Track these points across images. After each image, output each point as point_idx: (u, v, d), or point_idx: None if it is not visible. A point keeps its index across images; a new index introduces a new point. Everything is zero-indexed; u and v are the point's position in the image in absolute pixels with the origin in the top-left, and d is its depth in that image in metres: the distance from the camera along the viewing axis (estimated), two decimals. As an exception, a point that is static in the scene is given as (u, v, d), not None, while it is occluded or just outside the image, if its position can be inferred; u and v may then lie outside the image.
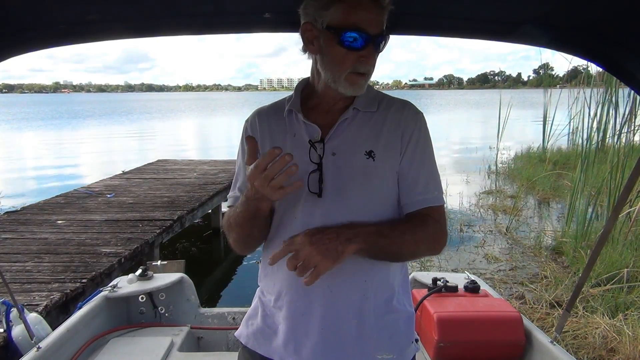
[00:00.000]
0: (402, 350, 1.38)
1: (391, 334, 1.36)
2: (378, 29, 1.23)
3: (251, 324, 1.47)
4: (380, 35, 1.24)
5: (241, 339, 1.49)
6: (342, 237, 1.15)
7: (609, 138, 7.94)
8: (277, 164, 1.06)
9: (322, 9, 1.24)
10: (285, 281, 1.34)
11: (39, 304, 3.85)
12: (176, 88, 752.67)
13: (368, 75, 1.29)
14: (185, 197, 7.98)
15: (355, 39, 1.22)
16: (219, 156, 14.59)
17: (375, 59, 1.28)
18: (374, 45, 1.25)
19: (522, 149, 15.57)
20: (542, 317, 4.70)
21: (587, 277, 2.38)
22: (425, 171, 1.35)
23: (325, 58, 1.29)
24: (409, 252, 1.33)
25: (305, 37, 1.31)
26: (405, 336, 1.41)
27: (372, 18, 1.22)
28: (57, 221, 6.61)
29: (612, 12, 1.45)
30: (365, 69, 1.26)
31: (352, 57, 1.24)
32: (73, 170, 17.14)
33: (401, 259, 1.37)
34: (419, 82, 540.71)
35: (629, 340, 3.96)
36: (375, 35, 1.23)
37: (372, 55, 1.26)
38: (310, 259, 1.11)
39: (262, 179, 1.09)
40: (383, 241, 1.23)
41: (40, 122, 45.32)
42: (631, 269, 5.29)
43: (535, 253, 6.99)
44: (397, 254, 1.31)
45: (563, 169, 11.19)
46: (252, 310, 1.50)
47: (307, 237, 1.14)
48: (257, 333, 1.44)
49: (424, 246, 1.32)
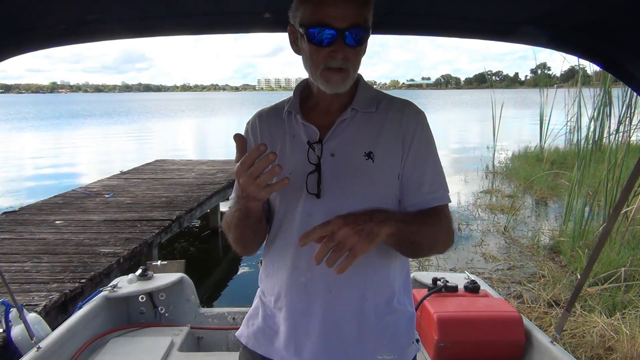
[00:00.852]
0: (403, 351, 1.38)
1: (392, 335, 1.36)
2: (347, 22, 1.20)
3: (252, 324, 1.47)
4: (349, 29, 1.20)
5: (242, 339, 1.49)
6: (376, 219, 1.12)
7: (606, 137, 7.96)
8: (262, 161, 1.06)
9: (295, 9, 1.26)
10: (285, 282, 1.34)
11: (38, 304, 3.85)
12: (173, 88, 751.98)
13: (346, 72, 1.26)
14: (184, 197, 7.99)
15: (320, 34, 1.21)
16: (217, 156, 14.59)
17: (347, 53, 1.23)
18: (344, 39, 1.21)
19: (519, 149, 15.61)
20: (540, 316, 4.72)
21: (587, 277, 2.38)
22: (431, 170, 1.34)
23: (303, 57, 1.30)
24: (427, 244, 1.29)
25: (290, 39, 1.34)
26: (406, 336, 1.40)
27: (339, 12, 1.19)
28: (55, 221, 6.61)
29: (612, 12, 1.45)
30: (336, 64, 1.24)
31: (322, 53, 1.24)
32: (70, 171, 17.12)
33: (420, 251, 1.34)
34: (417, 81, 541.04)
35: (626, 339, 3.98)
36: (343, 29, 1.20)
37: (341, 50, 1.22)
38: (347, 239, 1.05)
39: (247, 177, 1.09)
40: (408, 229, 1.21)
41: (37, 122, 45.23)
42: (628, 268, 5.31)
43: (533, 252, 7.02)
44: (419, 245, 1.27)
45: (560, 168, 11.21)
46: (253, 311, 1.50)
47: (341, 219, 1.08)
48: (258, 333, 1.44)
49: (441, 240, 1.31)
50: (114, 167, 12.44)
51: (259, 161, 1.06)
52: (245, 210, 1.24)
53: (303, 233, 1.08)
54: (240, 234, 1.34)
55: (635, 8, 1.34)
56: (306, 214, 1.30)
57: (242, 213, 1.26)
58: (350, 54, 1.24)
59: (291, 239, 1.32)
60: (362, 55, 1.29)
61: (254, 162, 1.07)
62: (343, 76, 1.26)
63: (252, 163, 1.07)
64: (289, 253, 1.33)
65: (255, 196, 1.14)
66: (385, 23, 1.68)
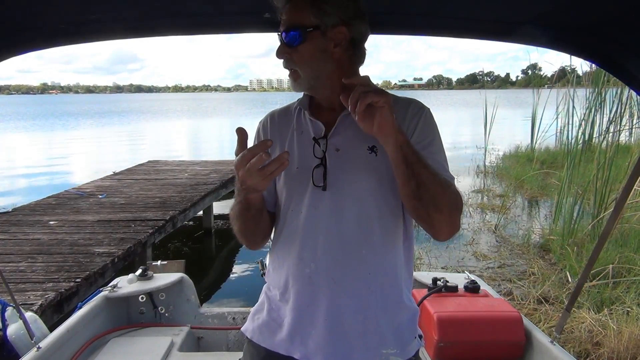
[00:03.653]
0: (406, 346, 1.39)
1: (395, 329, 1.38)
2: (284, 25, 1.30)
3: (257, 318, 1.50)
4: (285, 31, 1.29)
5: (247, 333, 1.51)
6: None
7: (596, 138, 8.05)
8: (263, 155, 1.11)
9: None
10: (291, 273, 1.38)
11: (34, 303, 3.88)
12: (165, 89, 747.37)
13: (295, 72, 1.34)
14: (177, 197, 8.01)
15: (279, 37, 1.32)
16: (210, 157, 14.60)
17: (289, 54, 1.31)
18: (282, 41, 1.31)
19: (510, 149, 15.70)
20: (529, 312, 4.79)
21: (587, 277, 2.35)
22: (435, 155, 1.32)
23: None
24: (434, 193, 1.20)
25: None
26: (409, 332, 1.42)
27: (283, 16, 1.31)
28: (49, 222, 6.62)
29: (611, 12, 1.47)
30: (284, 65, 1.34)
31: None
32: (63, 171, 17.05)
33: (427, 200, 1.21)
34: (409, 82, 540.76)
35: (613, 334, 4.05)
36: (282, 31, 1.30)
37: (281, 51, 1.32)
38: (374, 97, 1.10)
39: (246, 170, 1.14)
40: (419, 161, 1.19)
41: (29, 123, 44.92)
42: (616, 265, 5.40)
43: (523, 250, 7.10)
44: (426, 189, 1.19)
45: (551, 168, 11.30)
46: (259, 306, 1.53)
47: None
48: (263, 327, 1.46)
49: (449, 199, 1.24)
50: (107, 168, 12.40)
51: (259, 157, 1.11)
52: (245, 202, 1.29)
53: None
54: (242, 225, 1.38)
55: (635, 8, 1.35)
56: (312, 206, 1.34)
57: (242, 205, 1.30)
58: (292, 54, 1.31)
59: (297, 230, 1.36)
60: (309, 54, 1.31)
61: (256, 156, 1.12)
62: (294, 77, 1.34)
63: (253, 157, 1.12)
64: (295, 245, 1.36)
65: (255, 188, 1.19)
66: (385, 23, 1.69)
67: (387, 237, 1.36)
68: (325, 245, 1.33)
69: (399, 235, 1.39)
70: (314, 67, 1.33)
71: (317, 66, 1.33)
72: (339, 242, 1.33)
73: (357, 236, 1.33)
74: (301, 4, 1.28)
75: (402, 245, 1.41)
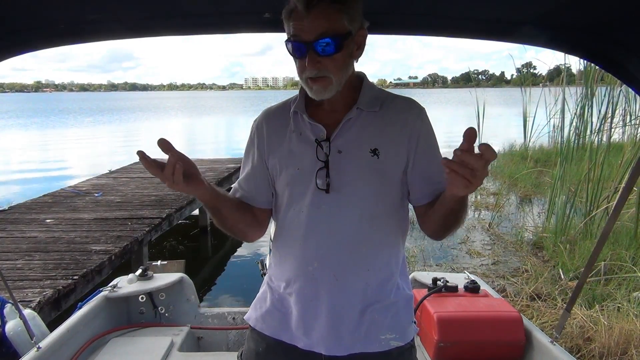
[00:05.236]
0: (404, 330, 1.46)
1: (393, 316, 1.44)
2: (313, 34, 1.24)
3: (260, 307, 1.54)
4: (316, 40, 1.24)
5: (250, 321, 1.55)
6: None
7: (588, 136, 8.10)
8: (159, 175, 1.18)
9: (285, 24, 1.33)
10: (294, 270, 1.43)
11: (32, 300, 3.91)
12: (160, 87, 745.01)
13: (326, 79, 1.29)
14: (173, 195, 8.02)
15: (294, 47, 1.28)
16: (205, 155, 14.60)
17: (323, 62, 1.27)
18: (313, 50, 1.25)
19: (504, 147, 15.75)
20: (522, 309, 4.85)
21: (587, 277, 2.33)
22: (436, 161, 1.36)
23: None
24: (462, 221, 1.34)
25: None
26: (406, 317, 1.48)
27: (304, 25, 1.24)
28: (45, 220, 6.64)
29: (612, 12, 1.47)
30: (312, 74, 1.28)
31: (300, 64, 1.30)
32: (59, 170, 16.96)
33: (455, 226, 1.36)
34: (404, 81, 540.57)
35: (604, 329, 4.11)
36: (311, 42, 1.24)
37: (313, 61, 1.26)
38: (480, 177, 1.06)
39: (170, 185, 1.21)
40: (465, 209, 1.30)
41: (24, 121, 44.70)
42: (608, 262, 5.47)
43: (517, 248, 7.16)
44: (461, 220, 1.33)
45: (544, 166, 11.34)
46: (261, 295, 1.57)
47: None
48: (267, 315, 1.51)
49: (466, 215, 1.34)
50: (103, 166, 12.39)
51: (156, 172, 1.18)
52: (206, 206, 1.39)
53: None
54: (218, 221, 1.45)
55: (635, 8, 1.36)
56: (314, 207, 1.38)
57: (208, 209, 1.40)
58: (326, 62, 1.27)
59: (299, 230, 1.40)
60: (343, 61, 1.30)
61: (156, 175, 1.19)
62: (324, 84, 1.30)
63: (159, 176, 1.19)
64: (298, 244, 1.41)
65: (187, 192, 1.29)
66: (385, 23, 1.70)
67: (387, 236, 1.43)
68: (328, 244, 1.38)
69: (398, 233, 1.46)
70: (345, 73, 1.34)
71: (347, 71, 1.35)
72: (340, 241, 1.37)
73: (358, 235, 1.38)
74: (330, 10, 1.24)
75: (400, 240, 1.47)
